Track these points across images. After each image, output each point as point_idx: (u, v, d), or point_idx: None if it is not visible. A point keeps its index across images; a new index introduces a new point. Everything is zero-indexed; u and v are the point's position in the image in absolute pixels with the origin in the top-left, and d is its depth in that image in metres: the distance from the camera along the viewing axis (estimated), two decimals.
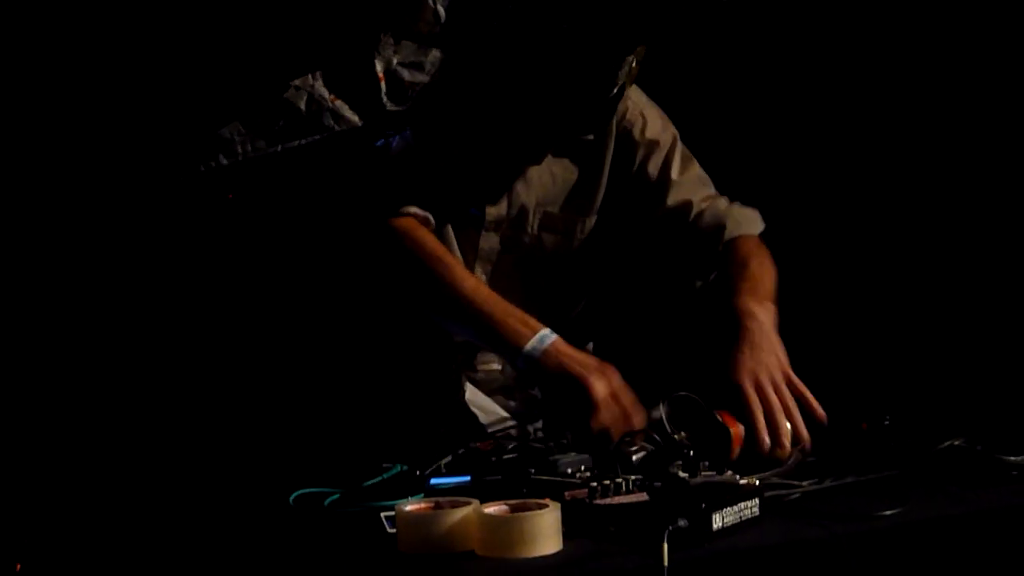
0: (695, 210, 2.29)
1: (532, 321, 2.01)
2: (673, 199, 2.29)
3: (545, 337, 1.98)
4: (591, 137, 2.26)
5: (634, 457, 1.90)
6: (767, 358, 2.00)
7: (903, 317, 3.26)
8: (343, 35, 2.59)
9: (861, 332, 3.26)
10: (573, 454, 1.89)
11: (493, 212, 2.23)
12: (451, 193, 2.19)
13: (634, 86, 2.27)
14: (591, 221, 2.31)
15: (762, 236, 2.36)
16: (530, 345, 1.98)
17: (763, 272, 2.18)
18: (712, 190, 2.34)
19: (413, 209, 2.13)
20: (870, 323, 3.27)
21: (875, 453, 2.01)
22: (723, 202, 2.32)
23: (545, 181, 2.26)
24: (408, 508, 1.63)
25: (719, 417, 1.98)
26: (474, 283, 2.08)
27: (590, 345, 2.41)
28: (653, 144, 2.30)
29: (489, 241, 2.25)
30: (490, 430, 2.21)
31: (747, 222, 2.30)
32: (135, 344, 2.82)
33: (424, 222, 2.14)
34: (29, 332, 2.75)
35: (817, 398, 2.15)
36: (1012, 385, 2.73)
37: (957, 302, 3.24)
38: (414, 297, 2.14)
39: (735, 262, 2.20)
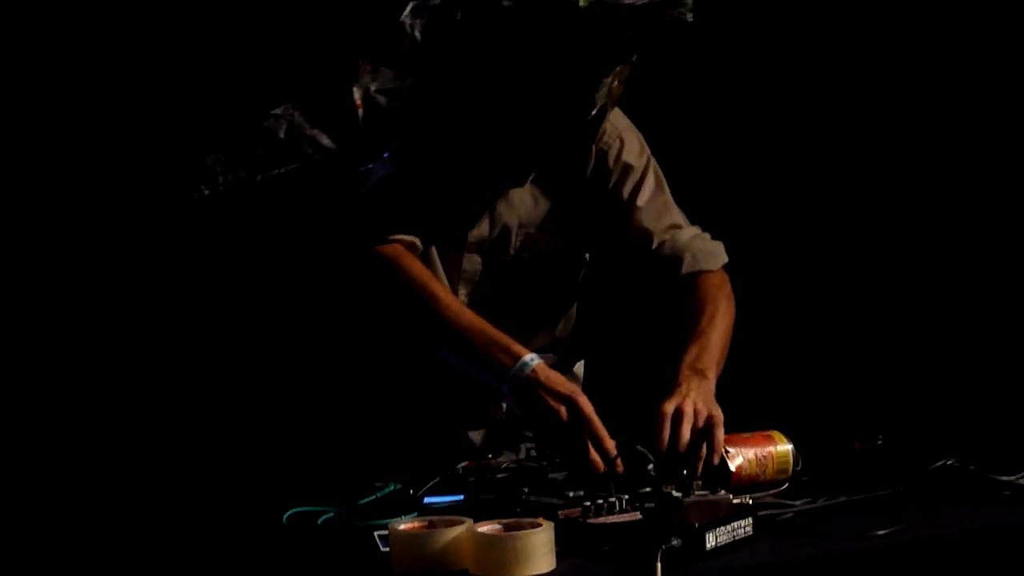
0: (656, 240, 2.28)
1: (515, 347, 2.01)
2: (636, 225, 2.29)
3: (525, 365, 1.98)
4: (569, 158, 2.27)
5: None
6: (694, 396, 2.00)
7: (896, 337, 3.26)
8: (322, 63, 2.61)
9: (854, 352, 3.27)
10: (567, 473, 1.90)
11: (476, 234, 2.24)
12: (434, 216, 2.19)
13: (616, 110, 2.27)
14: (571, 241, 2.31)
15: (730, 267, 2.35)
16: (511, 374, 1.99)
17: (713, 328, 2.16)
18: (677, 219, 2.33)
19: (399, 236, 2.14)
20: (863, 343, 3.28)
21: (868, 472, 2.01)
22: (687, 233, 2.31)
23: (526, 202, 2.26)
24: (401, 527, 1.63)
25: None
26: (458, 310, 2.08)
27: (580, 365, 2.41)
28: (627, 168, 2.30)
29: (472, 262, 2.25)
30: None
31: (706, 257, 2.29)
32: (134, 363, 2.83)
33: (411, 248, 2.15)
34: (27, 358, 2.76)
35: (812, 417, 2.15)
36: (1004, 405, 2.73)
37: (950, 323, 3.24)
38: (400, 324, 2.15)
39: (689, 311, 2.20)
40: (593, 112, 2.07)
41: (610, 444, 1.91)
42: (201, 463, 2.57)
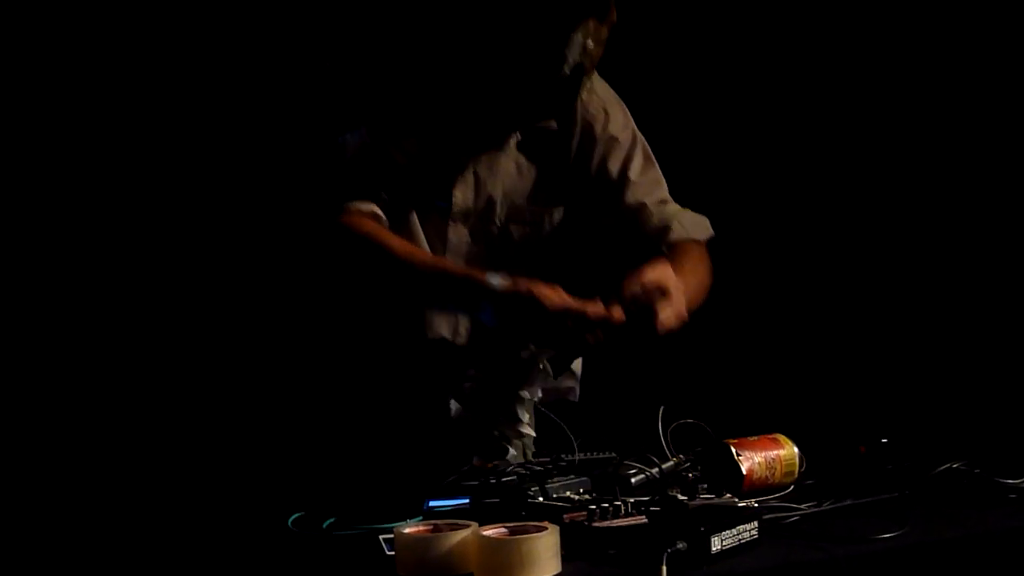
0: (647, 212, 2.30)
1: (475, 274, 2.08)
2: (630, 198, 2.31)
3: (492, 285, 2.03)
4: (555, 126, 2.27)
5: (633, 480, 1.90)
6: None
7: (901, 340, 3.26)
8: (298, 34, 2.63)
9: (859, 355, 3.27)
10: (572, 476, 1.90)
11: (460, 203, 2.24)
12: (415, 185, 2.20)
13: (602, 82, 2.29)
14: (558, 213, 2.32)
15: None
16: (484, 299, 2.03)
17: (693, 278, 2.19)
18: (666, 194, 2.36)
19: (360, 205, 2.16)
20: (868, 346, 3.28)
21: (874, 476, 2.01)
22: (674, 207, 2.34)
23: (511, 172, 2.27)
24: (407, 531, 1.63)
25: (733, 450, 1.98)
26: (411, 252, 2.14)
27: (578, 361, 2.39)
28: (613, 141, 2.31)
29: (458, 233, 2.25)
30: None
31: (693, 227, 2.32)
32: (139, 367, 2.83)
33: (373, 218, 2.16)
34: (31, 364, 2.77)
35: (817, 421, 2.17)
36: (1010, 408, 2.73)
37: (955, 326, 3.24)
38: (370, 277, 2.18)
39: (671, 261, 2.22)
40: (567, 70, 2.07)
41: (595, 308, 1.97)
42: (207, 467, 2.58)
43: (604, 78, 2.31)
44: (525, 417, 2.36)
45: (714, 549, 1.60)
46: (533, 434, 2.38)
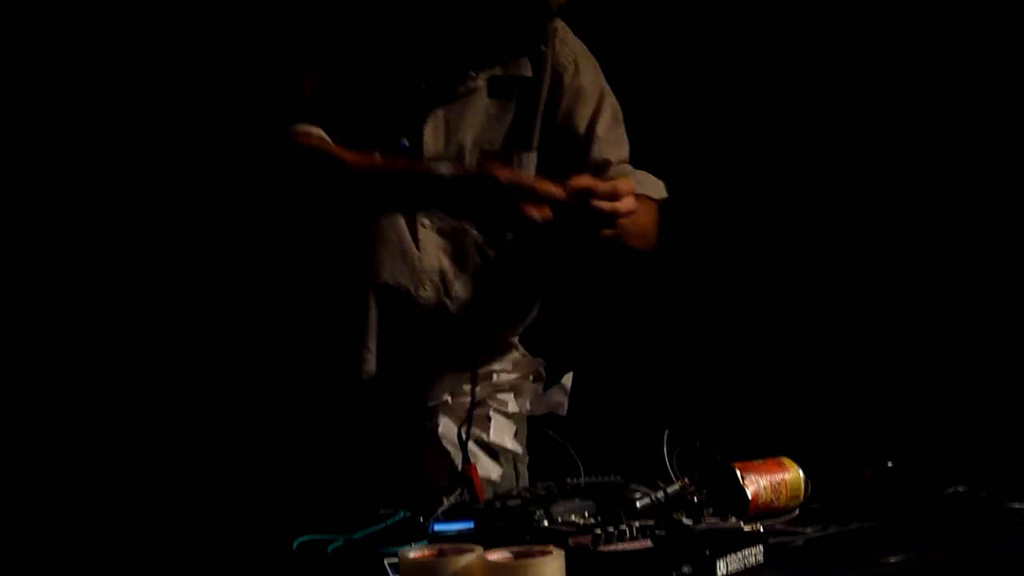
0: (609, 170, 2.30)
1: (420, 164, 2.12)
2: (595, 154, 2.32)
3: (440, 171, 2.06)
4: (528, 72, 2.27)
5: (638, 504, 1.90)
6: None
7: (908, 363, 3.26)
8: None
9: (865, 378, 3.27)
10: (577, 500, 1.90)
11: (431, 148, 2.23)
12: (379, 120, 2.20)
13: (575, 37, 2.31)
14: (529, 158, 2.31)
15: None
16: (434, 186, 2.05)
17: (639, 221, 2.19)
18: (626, 156, 2.37)
19: (307, 128, 2.16)
20: (874, 368, 3.28)
21: (879, 499, 2.00)
22: (630, 167, 2.35)
23: (480, 119, 2.27)
24: (412, 555, 1.63)
25: (738, 473, 1.97)
26: (366, 157, 2.14)
27: (568, 376, 2.38)
28: (582, 92, 2.32)
29: None
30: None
31: (648, 185, 2.32)
32: (142, 383, 2.83)
33: (320, 140, 2.16)
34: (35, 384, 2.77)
35: (823, 443, 2.17)
36: (1017, 431, 2.73)
37: (962, 348, 3.24)
38: (317, 186, 2.16)
39: None
40: None
41: (544, 184, 2.01)
42: (211, 490, 2.57)
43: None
44: (512, 430, 2.35)
45: (720, 573, 1.60)
46: (519, 450, 2.37)
